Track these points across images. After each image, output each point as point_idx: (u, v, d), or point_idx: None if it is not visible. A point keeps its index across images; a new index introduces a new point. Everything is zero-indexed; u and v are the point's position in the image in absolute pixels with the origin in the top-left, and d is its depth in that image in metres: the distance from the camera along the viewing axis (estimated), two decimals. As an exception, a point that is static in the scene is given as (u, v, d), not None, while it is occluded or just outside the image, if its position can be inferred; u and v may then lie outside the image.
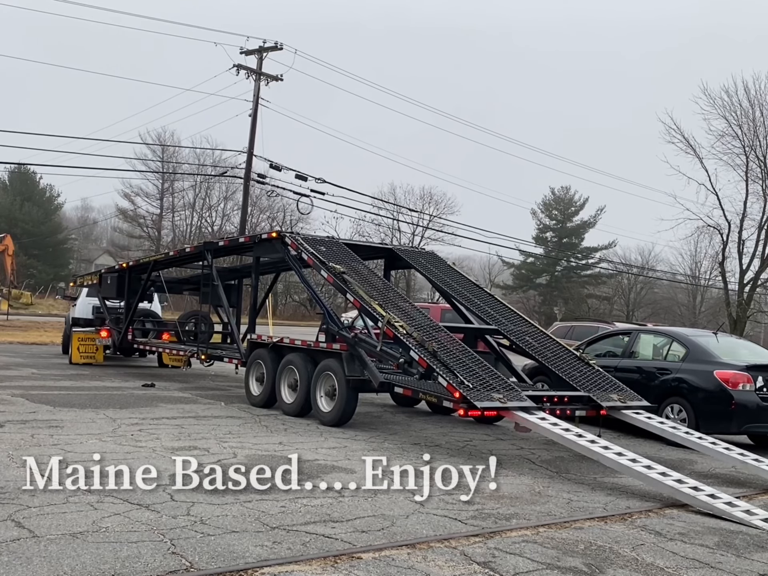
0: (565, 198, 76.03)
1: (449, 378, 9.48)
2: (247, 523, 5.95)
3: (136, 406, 11.83)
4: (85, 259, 78.44)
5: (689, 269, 62.75)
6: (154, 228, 66.88)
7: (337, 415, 10.96)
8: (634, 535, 6.43)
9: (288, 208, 57.86)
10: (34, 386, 13.55)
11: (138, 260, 19.59)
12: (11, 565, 4.72)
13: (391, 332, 10.34)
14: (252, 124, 33.81)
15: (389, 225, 66.29)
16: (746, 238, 36.40)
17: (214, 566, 4.96)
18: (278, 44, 33.36)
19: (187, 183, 64.75)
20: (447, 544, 5.79)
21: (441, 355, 9.94)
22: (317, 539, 5.65)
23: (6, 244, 44.24)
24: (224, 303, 15.33)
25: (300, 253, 12.22)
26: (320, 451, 9.09)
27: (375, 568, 5.14)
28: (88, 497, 6.36)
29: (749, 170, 35.68)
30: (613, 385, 10.72)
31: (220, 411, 11.97)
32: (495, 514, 6.73)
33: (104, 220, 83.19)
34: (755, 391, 11.34)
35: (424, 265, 13.66)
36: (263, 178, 36.21)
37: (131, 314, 17.64)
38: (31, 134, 41.92)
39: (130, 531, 5.54)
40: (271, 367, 12.35)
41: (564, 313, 64.10)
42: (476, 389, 9.41)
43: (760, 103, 35.12)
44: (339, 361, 11.03)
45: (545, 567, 5.43)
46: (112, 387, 14.37)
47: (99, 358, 18.53)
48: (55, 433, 9.17)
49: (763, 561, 5.97)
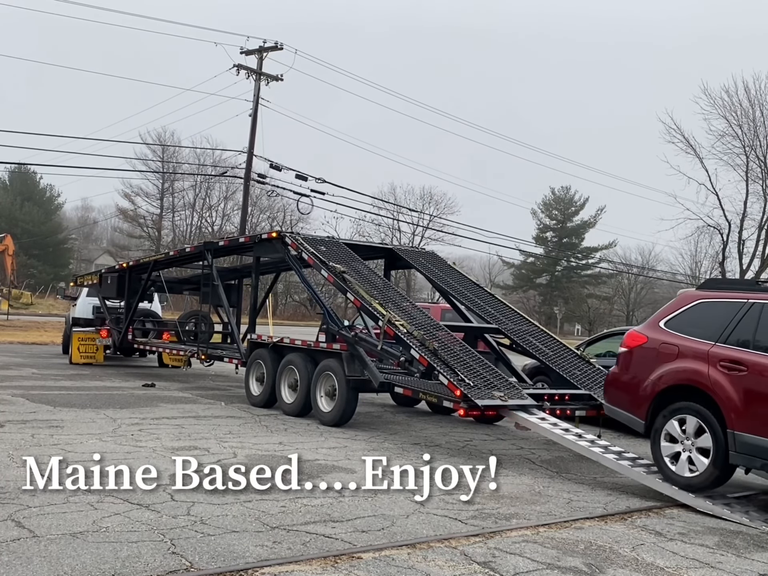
0: (566, 198, 76.08)
1: (450, 376, 9.48)
2: (248, 523, 5.95)
3: (136, 406, 11.84)
4: (85, 259, 78.47)
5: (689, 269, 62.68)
6: (154, 228, 66.88)
7: (337, 415, 10.96)
8: (634, 535, 6.43)
9: (288, 208, 58.00)
10: (34, 386, 13.55)
11: (138, 260, 19.59)
12: (11, 565, 4.72)
13: (391, 331, 10.34)
14: (252, 124, 33.82)
15: (389, 225, 66.42)
16: (746, 238, 36.50)
17: (215, 566, 4.96)
18: (278, 44, 33.36)
19: (187, 183, 64.83)
20: (447, 544, 5.79)
21: (442, 353, 9.95)
22: (317, 539, 5.65)
23: (6, 244, 44.30)
24: (224, 303, 15.34)
25: (300, 253, 12.22)
26: (320, 451, 9.09)
27: (375, 568, 5.14)
28: (88, 497, 6.36)
29: (749, 170, 35.76)
30: None
31: (220, 411, 11.97)
32: (495, 514, 6.73)
33: (104, 220, 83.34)
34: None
35: (425, 264, 13.66)
36: (263, 178, 36.21)
37: (131, 314, 17.64)
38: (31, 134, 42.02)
39: (131, 531, 5.54)
40: (272, 367, 12.35)
41: (564, 313, 64.10)
42: (477, 387, 9.41)
43: (761, 103, 35.20)
44: (339, 361, 11.03)
45: (545, 567, 5.43)
46: (113, 387, 14.37)
47: (99, 358, 18.54)
48: (55, 433, 9.17)
49: (763, 561, 5.97)
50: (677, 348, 8.11)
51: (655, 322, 8.63)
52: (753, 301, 7.82)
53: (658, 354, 8.29)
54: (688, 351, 8.00)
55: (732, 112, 35.43)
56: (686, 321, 8.29)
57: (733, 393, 7.47)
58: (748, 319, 7.75)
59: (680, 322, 8.32)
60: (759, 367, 7.39)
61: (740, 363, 7.54)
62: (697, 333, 8.08)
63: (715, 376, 7.63)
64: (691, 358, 7.94)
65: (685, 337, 8.15)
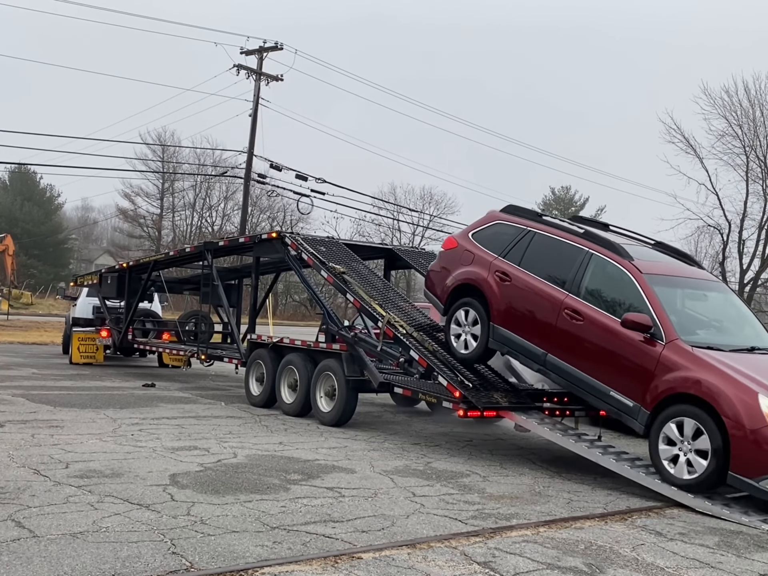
0: (566, 198, 76.08)
1: (449, 377, 9.48)
2: (248, 523, 5.95)
3: (136, 406, 11.84)
4: (85, 259, 78.49)
5: (689, 269, 62.64)
6: (155, 228, 66.83)
7: (337, 415, 10.97)
8: (634, 535, 6.43)
9: (288, 208, 57.90)
10: (34, 386, 13.55)
11: (138, 260, 19.59)
12: (11, 565, 4.72)
13: (391, 332, 10.36)
14: (252, 124, 33.84)
15: (389, 225, 66.32)
16: (746, 238, 36.47)
17: (215, 566, 4.96)
18: (278, 44, 33.40)
19: (188, 183, 64.78)
20: (447, 544, 5.79)
21: (441, 354, 9.95)
22: (317, 539, 5.65)
23: (6, 244, 44.30)
24: (224, 303, 15.35)
25: (300, 253, 12.23)
26: (320, 451, 9.10)
27: (375, 568, 5.13)
28: (88, 497, 6.36)
29: (749, 170, 35.74)
30: None
31: (220, 411, 11.98)
32: (495, 514, 6.73)
33: (104, 220, 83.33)
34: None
35: (424, 265, 13.65)
36: (263, 178, 36.24)
37: (131, 314, 17.64)
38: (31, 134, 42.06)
39: (131, 531, 5.54)
40: (271, 367, 12.36)
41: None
42: (476, 389, 9.41)
43: (761, 102, 35.19)
44: (339, 361, 11.04)
45: (545, 567, 5.43)
46: (113, 387, 14.38)
47: (99, 358, 18.55)
48: (55, 433, 9.17)
49: (764, 561, 5.97)
50: (473, 255, 10.02)
51: (466, 232, 10.51)
52: (529, 229, 9.61)
53: (461, 257, 10.20)
54: (479, 259, 9.91)
55: (732, 112, 35.45)
56: (485, 235, 10.13)
57: (499, 296, 9.46)
58: (523, 242, 9.58)
59: (481, 236, 10.18)
60: (519, 282, 9.32)
61: (508, 275, 9.47)
62: (489, 246, 9.92)
63: (490, 281, 9.59)
64: (479, 264, 9.86)
65: (481, 247, 10.01)
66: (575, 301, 8.73)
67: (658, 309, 8.18)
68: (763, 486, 7.22)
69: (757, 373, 7.63)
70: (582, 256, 8.94)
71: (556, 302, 8.88)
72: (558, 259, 9.17)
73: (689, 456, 7.56)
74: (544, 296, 9.04)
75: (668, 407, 7.76)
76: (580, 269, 8.88)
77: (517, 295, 9.30)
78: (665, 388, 7.79)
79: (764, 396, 7.28)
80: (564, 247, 9.18)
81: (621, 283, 8.61)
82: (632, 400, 8.12)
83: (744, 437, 7.21)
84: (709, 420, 7.38)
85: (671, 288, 8.79)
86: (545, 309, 8.99)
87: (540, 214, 10.14)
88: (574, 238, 9.18)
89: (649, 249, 9.70)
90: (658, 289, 8.42)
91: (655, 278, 8.56)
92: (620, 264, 8.64)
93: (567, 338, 8.76)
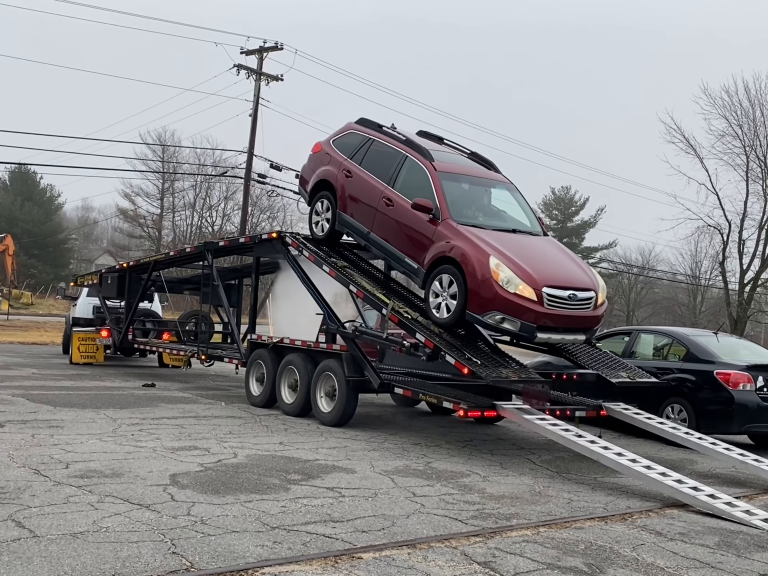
0: (566, 198, 76.07)
1: (457, 355, 9.54)
2: (248, 523, 5.95)
3: (136, 406, 11.84)
4: (85, 259, 78.41)
5: (689, 269, 62.63)
6: (155, 228, 66.76)
7: (337, 415, 10.97)
8: (634, 535, 6.43)
9: (288, 208, 57.86)
10: (34, 386, 13.55)
11: (138, 260, 19.58)
12: (11, 565, 4.72)
13: (396, 318, 10.43)
14: (252, 124, 33.84)
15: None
16: (747, 238, 36.35)
17: (215, 566, 4.96)
18: (278, 44, 33.39)
19: (188, 183, 64.66)
20: (447, 544, 5.79)
21: (446, 336, 10.02)
22: (318, 539, 5.65)
23: (6, 244, 44.32)
24: (224, 303, 15.34)
25: (301, 252, 12.24)
26: (320, 451, 9.10)
27: (375, 568, 5.14)
28: (88, 497, 6.36)
29: (749, 170, 35.64)
30: (621, 365, 10.83)
31: (220, 411, 11.98)
32: (495, 514, 6.73)
33: (104, 220, 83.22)
34: (755, 391, 11.35)
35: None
36: (263, 178, 36.21)
37: (131, 314, 17.64)
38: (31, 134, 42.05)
39: (131, 531, 5.54)
40: (272, 368, 12.36)
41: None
42: (485, 365, 9.48)
43: (761, 102, 35.09)
44: (339, 361, 11.04)
45: (545, 567, 5.43)
46: (113, 387, 14.38)
47: (99, 358, 18.54)
48: (55, 433, 9.17)
49: (764, 561, 5.97)
50: (330, 157, 12.20)
51: (328, 139, 12.57)
52: (369, 137, 11.85)
53: (321, 159, 12.39)
54: (333, 160, 12.11)
55: (732, 112, 35.35)
56: (342, 142, 12.27)
57: (345, 189, 11.73)
58: (364, 147, 11.82)
59: (339, 142, 12.30)
60: (357, 178, 11.58)
61: (351, 173, 11.72)
62: (343, 150, 12.08)
63: (339, 177, 11.85)
64: (333, 164, 12.06)
65: (336, 151, 12.16)
66: (390, 192, 11.03)
67: (440, 196, 10.43)
68: (485, 319, 9.58)
69: (502, 245, 9.91)
70: (400, 158, 11.21)
71: (378, 192, 11.18)
72: (385, 160, 11.40)
73: (446, 302, 9.99)
74: (371, 188, 11.33)
75: (436, 267, 10.14)
76: (397, 167, 11.16)
77: (355, 188, 11.62)
78: (435, 253, 10.18)
79: (494, 257, 9.59)
80: (390, 150, 11.42)
81: (421, 178, 10.78)
82: (417, 263, 10.49)
83: (476, 285, 9.59)
84: (458, 273, 9.81)
85: (457, 183, 10.96)
86: (372, 198, 11.29)
87: (380, 126, 12.05)
88: (398, 144, 11.37)
89: (458, 155, 11.86)
90: (446, 183, 10.62)
91: (446, 175, 10.74)
92: (422, 163, 10.85)
93: (383, 219, 11.10)
